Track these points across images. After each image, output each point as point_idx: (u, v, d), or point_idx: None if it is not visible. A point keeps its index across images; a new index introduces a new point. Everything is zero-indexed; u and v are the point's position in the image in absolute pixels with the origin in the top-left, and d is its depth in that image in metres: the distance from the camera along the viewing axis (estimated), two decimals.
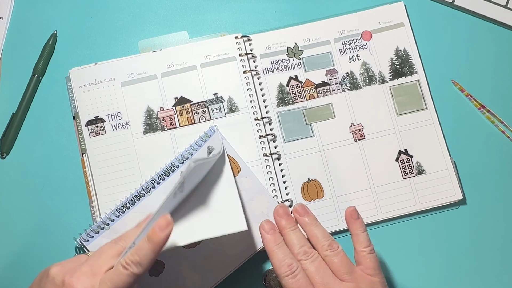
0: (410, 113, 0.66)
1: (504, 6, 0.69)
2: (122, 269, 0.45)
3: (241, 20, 0.69)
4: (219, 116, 0.64)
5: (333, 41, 0.67)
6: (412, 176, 0.64)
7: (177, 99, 0.65)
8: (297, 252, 0.54)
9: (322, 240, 0.55)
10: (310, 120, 0.65)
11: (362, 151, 0.65)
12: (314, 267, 0.53)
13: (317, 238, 0.56)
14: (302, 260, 0.53)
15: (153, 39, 0.68)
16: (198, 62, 0.65)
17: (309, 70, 0.66)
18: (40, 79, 0.66)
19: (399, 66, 0.67)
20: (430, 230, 0.65)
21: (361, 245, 0.55)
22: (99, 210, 0.62)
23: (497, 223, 0.65)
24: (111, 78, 0.65)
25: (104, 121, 0.64)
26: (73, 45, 0.68)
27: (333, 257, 0.54)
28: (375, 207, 0.64)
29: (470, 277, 0.64)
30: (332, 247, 0.54)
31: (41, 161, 0.65)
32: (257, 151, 0.63)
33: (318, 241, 0.55)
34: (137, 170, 0.63)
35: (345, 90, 0.66)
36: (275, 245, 0.54)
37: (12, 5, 0.68)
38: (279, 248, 0.54)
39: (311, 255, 0.54)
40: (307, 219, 0.58)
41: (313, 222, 0.57)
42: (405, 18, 0.68)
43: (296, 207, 0.59)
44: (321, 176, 0.64)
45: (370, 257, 0.54)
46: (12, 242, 0.63)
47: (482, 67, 0.68)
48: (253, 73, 0.65)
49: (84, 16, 0.68)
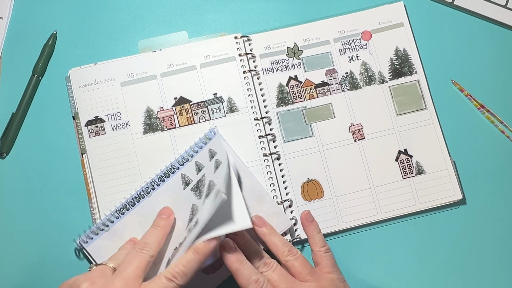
0: (409, 113, 0.66)
1: (504, 6, 0.69)
2: (167, 281, 0.48)
3: (241, 20, 0.69)
4: (219, 116, 0.64)
5: (333, 41, 0.67)
6: (411, 176, 0.64)
7: (177, 99, 0.65)
8: (258, 265, 0.56)
9: (281, 247, 0.58)
10: (309, 120, 0.65)
11: (361, 151, 0.65)
12: (277, 275, 0.55)
13: (277, 246, 0.58)
14: (264, 271, 0.56)
15: (153, 39, 0.68)
16: (197, 62, 0.65)
17: (309, 70, 0.66)
18: (40, 79, 0.66)
19: (399, 66, 0.67)
20: (430, 230, 0.65)
21: (317, 245, 0.59)
22: (99, 210, 0.62)
23: (497, 223, 0.65)
24: (111, 78, 0.65)
25: (103, 121, 0.64)
26: (72, 45, 0.68)
27: (294, 261, 0.57)
28: (375, 207, 0.64)
29: (469, 277, 0.64)
30: (292, 252, 0.57)
31: (41, 161, 0.65)
32: (256, 151, 0.63)
33: (278, 248, 0.58)
34: (136, 170, 0.63)
35: (345, 90, 0.66)
36: (239, 264, 0.54)
37: (12, 5, 0.68)
38: (243, 266, 0.54)
39: (271, 265, 0.56)
40: (265, 229, 0.59)
41: (271, 231, 0.60)
42: (405, 18, 0.68)
43: (253, 219, 0.60)
44: (321, 176, 0.64)
45: (326, 256, 0.58)
46: (12, 242, 0.63)
47: (482, 67, 0.68)
48: (253, 73, 0.65)
49: (84, 16, 0.68)
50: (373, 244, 0.64)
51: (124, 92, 0.64)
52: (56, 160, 0.65)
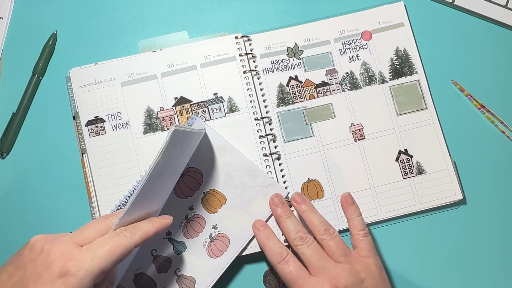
0: (410, 113, 0.66)
1: (504, 6, 0.69)
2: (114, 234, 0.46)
3: (241, 20, 0.69)
4: (219, 116, 0.64)
5: (333, 41, 0.67)
6: (412, 176, 0.64)
7: (177, 99, 0.65)
8: (293, 237, 0.57)
9: (318, 225, 0.58)
10: (310, 120, 0.65)
11: (362, 151, 0.65)
12: (310, 251, 0.56)
13: (314, 223, 0.59)
14: (299, 245, 0.57)
15: (153, 39, 0.68)
16: (198, 62, 0.65)
17: (309, 70, 0.66)
18: (40, 79, 0.66)
19: (399, 66, 0.67)
20: (430, 230, 0.65)
21: (355, 228, 0.59)
22: (99, 211, 0.62)
23: (497, 223, 0.65)
24: (111, 78, 0.65)
25: (104, 121, 0.64)
26: (73, 45, 0.68)
27: (329, 241, 0.57)
28: (375, 207, 0.64)
29: (470, 276, 0.64)
30: (329, 231, 0.58)
31: (41, 161, 0.65)
32: (257, 151, 0.63)
33: (315, 226, 0.58)
34: (137, 170, 0.63)
35: (345, 90, 0.66)
36: (266, 238, 0.59)
37: (12, 5, 0.68)
38: (270, 240, 0.59)
39: (306, 240, 0.57)
40: (304, 207, 0.60)
41: (310, 209, 0.60)
42: (405, 18, 0.68)
43: (293, 196, 0.61)
44: (321, 176, 0.64)
45: (364, 240, 0.58)
46: (12, 242, 0.63)
47: (482, 67, 0.68)
48: (253, 73, 0.65)
49: (84, 16, 0.68)
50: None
51: (125, 92, 0.64)
52: (56, 160, 0.65)
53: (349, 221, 0.61)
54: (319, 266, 0.55)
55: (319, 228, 0.58)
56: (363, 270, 0.55)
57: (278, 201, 0.61)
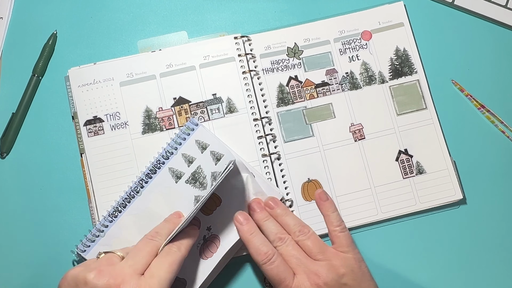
0: (410, 113, 0.66)
1: (504, 6, 0.69)
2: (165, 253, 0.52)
3: (241, 20, 0.69)
4: (218, 117, 0.64)
5: (333, 41, 0.67)
6: (412, 176, 0.64)
7: (176, 99, 0.65)
8: (272, 239, 0.57)
9: (293, 227, 0.58)
10: (310, 120, 0.65)
11: (362, 151, 0.65)
12: (289, 251, 0.56)
13: (289, 225, 0.59)
14: (278, 246, 0.57)
15: (152, 39, 0.68)
16: (197, 63, 0.65)
17: (309, 70, 0.66)
18: (40, 79, 0.66)
19: (399, 66, 0.66)
20: (430, 230, 0.64)
21: (332, 224, 0.59)
22: (97, 211, 0.62)
23: (497, 223, 0.65)
24: (110, 78, 0.65)
25: (102, 121, 0.64)
26: (72, 45, 0.68)
27: (305, 240, 0.57)
28: (375, 207, 0.63)
29: (470, 276, 0.64)
30: (303, 232, 0.58)
31: (40, 161, 0.65)
32: (255, 152, 0.63)
33: (290, 228, 0.58)
34: (135, 170, 0.63)
35: (345, 90, 0.66)
36: (249, 235, 0.57)
37: (12, 5, 0.69)
38: (254, 236, 0.57)
39: (285, 240, 0.57)
40: (279, 210, 0.60)
41: (283, 212, 0.60)
42: (405, 18, 0.68)
43: (267, 201, 0.61)
44: (321, 176, 0.64)
45: (341, 235, 0.58)
46: (12, 242, 0.63)
47: (482, 67, 0.68)
48: (253, 73, 0.65)
49: (83, 16, 0.68)
50: (373, 244, 0.64)
51: (123, 92, 0.64)
52: (56, 160, 0.65)
53: (325, 217, 0.61)
54: (297, 265, 0.55)
55: (293, 230, 0.58)
56: (342, 265, 0.55)
57: (256, 206, 0.60)
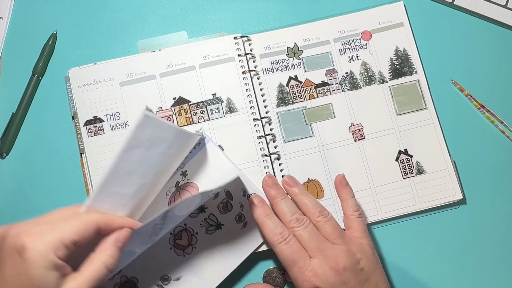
0: (410, 113, 0.65)
1: (504, 6, 0.69)
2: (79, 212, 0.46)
3: (241, 20, 0.69)
4: (218, 117, 0.64)
5: (333, 41, 0.67)
6: (412, 176, 0.64)
7: (176, 99, 0.65)
8: (289, 219, 0.56)
9: (312, 208, 0.58)
10: (310, 120, 0.65)
11: (362, 151, 0.65)
12: (307, 233, 0.55)
13: (308, 206, 0.58)
14: (295, 227, 0.56)
15: (152, 39, 0.68)
16: (197, 63, 0.65)
17: (309, 70, 0.66)
18: (40, 79, 0.67)
19: (399, 66, 0.66)
20: (430, 230, 0.65)
21: (349, 209, 0.59)
22: None
23: (497, 223, 0.65)
24: (110, 78, 0.65)
25: (102, 121, 0.64)
26: (72, 45, 0.68)
27: (324, 223, 0.57)
28: (375, 207, 0.63)
29: (470, 276, 0.64)
30: (323, 213, 0.57)
31: (41, 161, 0.65)
32: (255, 152, 0.63)
33: (309, 209, 0.58)
34: None
35: (345, 90, 0.66)
36: (265, 216, 0.57)
37: (12, 5, 0.69)
38: (269, 218, 0.57)
39: (303, 222, 0.56)
40: (297, 189, 0.59)
41: (302, 191, 0.59)
42: (405, 18, 0.68)
43: (285, 179, 0.61)
44: (321, 176, 0.64)
45: (358, 221, 0.58)
46: None
47: (482, 67, 0.68)
48: (253, 73, 0.65)
49: (83, 16, 0.68)
50: (373, 244, 0.64)
51: (123, 92, 0.64)
52: (56, 160, 0.65)
53: (343, 202, 0.61)
54: (317, 248, 0.54)
55: (313, 210, 0.57)
56: (359, 250, 0.55)
57: (272, 182, 0.60)
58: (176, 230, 0.60)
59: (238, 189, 0.61)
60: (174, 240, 0.60)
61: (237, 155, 0.63)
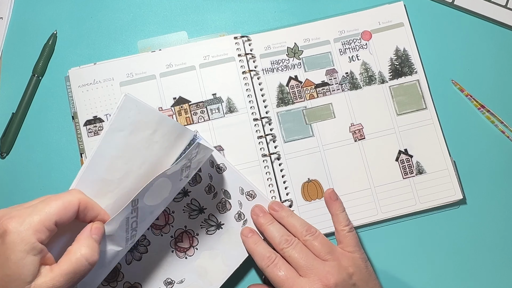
0: (410, 113, 0.65)
1: (504, 6, 0.69)
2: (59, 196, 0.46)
3: (241, 20, 0.69)
4: (218, 117, 0.64)
5: (333, 41, 0.67)
6: (412, 176, 0.64)
7: (176, 99, 0.65)
8: (278, 241, 0.57)
9: (300, 227, 0.58)
10: (310, 120, 0.65)
11: (362, 151, 0.65)
12: (297, 253, 0.56)
13: (295, 226, 0.58)
14: (284, 248, 0.56)
15: (152, 39, 0.68)
16: (197, 63, 0.65)
17: (309, 70, 0.66)
18: (40, 79, 0.66)
19: (399, 66, 0.66)
20: (430, 230, 0.64)
21: (340, 224, 0.59)
22: None
23: (497, 223, 0.65)
24: (110, 78, 0.64)
25: (102, 121, 0.64)
26: (72, 45, 0.68)
27: (313, 241, 0.57)
28: (375, 207, 0.63)
29: (470, 276, 0.64)
30: (310, 231, 0.58)
31: (41, 161, 0.65)
32: (256, 152, 0.63)
33: (297, 229, 0.58)
34: None
35: (345, 90, 0.66)
36: (254, 244, 0.58)
37: (12, 5, 0.69)
38: (258, 245, 0.58)
39: (291, 242, 0.57)
40: (283, 213, 0.60)
41: (288, 213, 0.60)
42: (405, 18, 0.68)
43: (270, 205, 0.61)
44: (321, 176, 0.64)
45: (349, 235, 0.58)
46: None
47: (482, 67, 0.68)
48: (253, 73, 0.65)
49: (83, 16, 0.68)
50: (373, 244, 0.64)
51: (123, 92, 0.64)
52: (56, 160, 0.65)
53: (333, 217, 0.61)
54: (307, 266, 0.54)
55: (300, 230, 0.58)
56: (351, 265, 0.56)
57: (259, 210, 0.60)
58: (177, 233, 0.61)
59: (236, 188, 0.61)
60: (175, 243, 0.60)
61: (237, 155, 0.63)
